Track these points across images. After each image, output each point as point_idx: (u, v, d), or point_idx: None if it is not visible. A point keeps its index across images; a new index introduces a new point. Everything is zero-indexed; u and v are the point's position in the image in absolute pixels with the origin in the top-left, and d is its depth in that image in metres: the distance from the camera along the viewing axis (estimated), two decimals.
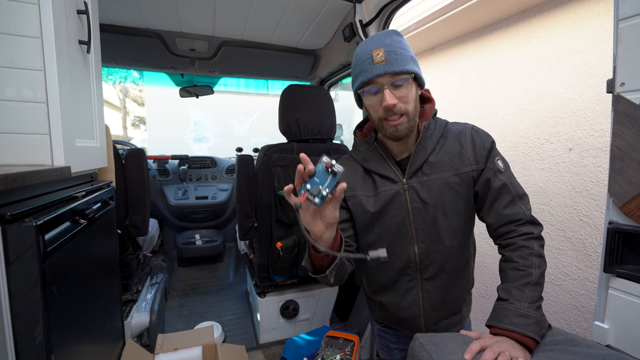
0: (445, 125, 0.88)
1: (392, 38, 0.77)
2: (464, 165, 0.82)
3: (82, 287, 0.84)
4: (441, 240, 0.84)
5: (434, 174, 0.83)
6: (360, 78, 0.78)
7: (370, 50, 0.76)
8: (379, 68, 0.74)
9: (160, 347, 1.21)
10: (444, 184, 0.82)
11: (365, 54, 0.77)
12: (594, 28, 1.42)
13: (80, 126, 0.93)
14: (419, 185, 0.83)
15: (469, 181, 0.83)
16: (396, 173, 0.85)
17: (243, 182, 1.50)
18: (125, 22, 1.66)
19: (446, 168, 0.83)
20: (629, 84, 0.61)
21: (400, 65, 0.74)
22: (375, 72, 0.75)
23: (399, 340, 1.02)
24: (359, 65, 0.78)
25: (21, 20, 0.73)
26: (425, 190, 0.83)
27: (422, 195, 0.83)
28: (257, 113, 6.69)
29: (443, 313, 0.89)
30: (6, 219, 0.54)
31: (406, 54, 0.76)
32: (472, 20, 1.93)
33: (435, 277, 0.86)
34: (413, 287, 0.88)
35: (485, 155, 0.82)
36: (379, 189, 0.86)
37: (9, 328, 0.54)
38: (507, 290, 0.73)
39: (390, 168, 0.86)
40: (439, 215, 0.83)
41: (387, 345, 1.05)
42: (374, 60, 0.75)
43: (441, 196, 0.82)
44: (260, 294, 1.65)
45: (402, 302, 0.89)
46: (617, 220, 0.65)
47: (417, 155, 0.83)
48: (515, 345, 0.64)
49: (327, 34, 1.83)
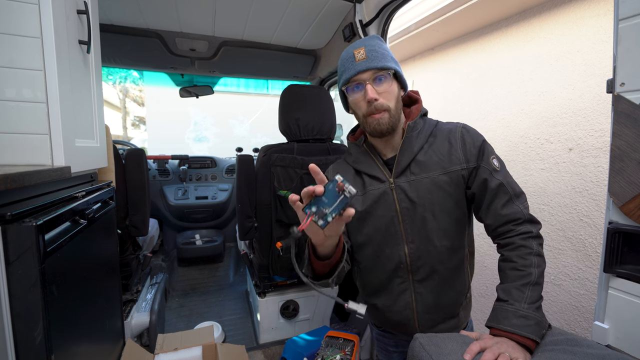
0: (436, 124, 0.88)
1: (373, 40, 0.82)
2: (453, 164, 0.82)
3: (82, 287, 0.84)
4: (431, 241, 0.83)
5: (422, 173, 0.83)
6: (344, 76, 0.82)
7: (352, 50, 0.81)
8: (361, 65, 0.78)
9: (160, 347, 1.21)
10: (432, 183, 0.82)
11: (348, 55, 0.82)
12: (594, 28, 1.42)
13: (80, 126, 0.93)
14: (407, 184, 0.83)
15: (458, 180, 0.82)
16: (383, 172, 0.86)
17: (243, 182, 1.50)
18: (125, 22, 1.66)
19: (435, 167, 0.83)
20: (629, 84, 0.61)
21: (380, 62, 0.78)
22: (357, 68, 0.79)
23: (397, 343, 1.01)
24: (342, 65, 0.83)
25: (21, 20, 0.73)
26: (413, 189, 0.83)
27: (410, 195, 0.83)
28: (257, 113, 6.68)
29: (438, 317, 0.88)
30: (6, 219, 0.54)
31: (387, 53, 0.81)
32: (472, 20, 1.93)
33: (427, 279, 0.85)
34: (406, 290, 0.87)
35: (475, 153, 0.82)
36: (367, 188, 0.87)
37: (9, 328, 0.54)
38: (506, 290, 0.73)
39: (378, 168, 0.87)
40: (428, 215, 0.82)
41: (386, 348, 1.05)
42: (355, 58, 0.79)
43: (429, 195, 0.82)
44: (260, 294, 1.65)
45: (395, 305, 0.88)
46: (617, 220, 0.65)
47: (402, 154, 0.84)
48: (515, 346, 0.64)
49: (327, 34, 1.83)
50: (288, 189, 1.47)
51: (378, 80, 0.79)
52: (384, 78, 0.79)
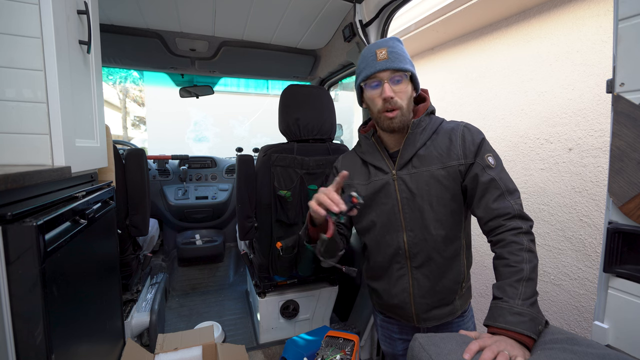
0: (440, 123, 0.93)
1: (394, 42, 0.88)
2: (451, 160, 0.87)
3: (83, 287, 0.84)
4: (427, 230, 0.89)
5: (422, 166, 0.89)
6: (364, 73, 0.87)
7: (374, 49, 0.86)
8: (381, 64, 0.84)
9: (160, 347, 1.22)
10: (430, 176, 0.88)
11: (370, 53, 0.87)
12: (594, 28, 1.42)
13: (80, 126, 0.93)
14: (408, 176, 0.90)
15: (455, 174, 0.87)
16: (387, 164, 0.93)
17: (243, 182, 1.50)
18: (125, 22, 1.66)
19: (434, 161, 0.88)
20: (628, 84, 0.61)
21: (400, 64, 0.84)
22: (377, 67, 0.84)
23: (401, 330, 1.05)
24: (363, 62, 0.89)
25: (21, 20, 0.73)
26: (413, 181, 0.89)
27: (410, 186, 0.89)
28: (257, 113, 6.69)
29: (432, 302, 0.93)
30: (6, 219, 0.54)
31: (406, 56, 0.87)
32: (472, 20, 1.93)
33: (423, 266, 0.91)
34: (404, 275, 0.94)
35: (474, 150, 0.87)
36: (371, 178, 0.95)
37: (9, 328, 0.54)
38: (500, 288, 0.74)
39: (383, 160, 0.94)
40: (425, 205, 0.88)
41: (390, 335, 1.08)
42: (377, 57, 0.85)
43: (427, 187, 0.88)
44: (260, 294, 1.65)
45: (394, 289, 0.96)
46: (617, 220, 0.65)
47: (405, 148, 0.90)
48: (513, 344, 0.64)
49: (327, 34, 1.83)
50: (288, 189, 1.47)
51: (395, 81, 0.85)
52: (401, 79, 0.85)
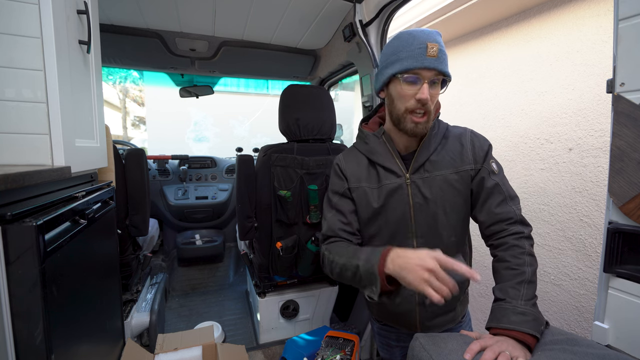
0: (447, 127, 0.92)
1: (440, 39, 0.78)
2: (464, 164, 0.86)
3: (82, 287, 0.84)
4: (440, 237, 0.87)
5: (435, 171, 0.86)
6: (405, 63, 0.76)
7: (426, 41, 0.75)
8: (431, 61, 0.75)
9: (160, 347, 1.21)
10: (444, 180, 0.85)
11: (419, 43, 0.76)
12: (594, 28, 1.42)
13: (80, 126, 0.93)
14: (421, 181, 0.86)
15: (467, 179, 0.87)
16: (400, 167, 0.88)
17: (243, 182, 1.50)
18: (125, 22, 1.66)
19: (447, 166, 0.86)
20: (629, 84, 0.61)
21: (446, 67, 0.78)
22: (426, 63, 0.75)
23: (399, 337, 1.03)
24: (408, 50, 0.76)
25: (21, 20, 0.73)
26: (426, 186, 0.86)
27: (424, 191, 0.86)
28: (257, 113, 6.68)
29: (437, 309, 0.91)
30: (6, 219, 0.54)
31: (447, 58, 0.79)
32: (472, 20, 1.93)
33: None
34: None
35: (482, 156, 0.87)
36: (382, 181, 0.89)
37: (9, 328, 0.54)
38: (502, 290, 0.74)
39: (395, 162, 0.88)
40: (439, 211, 0.86)
41: (388, 343, 1.06)
42: (427, 52, 0.75)
43: (441, 192, 0.85)
44: (260, 294, 1.65)
45: (399, 298, 0.91)
46: (617, 220, 0.65)
47: (421, 152, 0.87)
48: (515, 345, 0.64)
49: (327, 34, 1.83)
50: (288, 189, 1.47)
51: (434, 83, 0.78)
52: (438, 82, 0.79)
